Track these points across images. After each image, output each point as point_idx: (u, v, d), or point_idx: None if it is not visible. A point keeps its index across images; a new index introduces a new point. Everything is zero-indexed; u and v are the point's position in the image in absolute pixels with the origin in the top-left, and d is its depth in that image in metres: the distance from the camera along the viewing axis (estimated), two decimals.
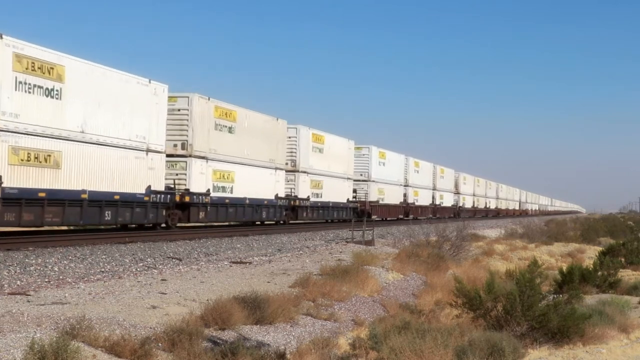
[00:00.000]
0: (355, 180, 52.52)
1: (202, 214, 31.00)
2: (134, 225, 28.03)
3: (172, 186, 29.31)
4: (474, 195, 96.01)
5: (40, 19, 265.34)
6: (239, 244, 26.39)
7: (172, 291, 14.08)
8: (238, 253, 23.57)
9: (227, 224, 36.86)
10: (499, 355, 10.15)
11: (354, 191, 51.87)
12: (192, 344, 9.78)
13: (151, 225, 28.31)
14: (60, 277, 15.65)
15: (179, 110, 30.13)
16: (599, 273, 20.92)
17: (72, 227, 26.67)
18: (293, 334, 12.41)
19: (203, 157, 31.02)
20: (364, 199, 53.42)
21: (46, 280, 15.06)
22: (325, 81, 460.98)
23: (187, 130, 30.32)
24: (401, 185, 62.59)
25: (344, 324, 14.15)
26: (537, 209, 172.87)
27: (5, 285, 13.98)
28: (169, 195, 27.78)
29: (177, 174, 30.14)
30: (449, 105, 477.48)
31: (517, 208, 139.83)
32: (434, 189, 74.63)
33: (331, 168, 46.28)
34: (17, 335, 9.21)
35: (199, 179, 30.70)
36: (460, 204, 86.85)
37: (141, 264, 18.84)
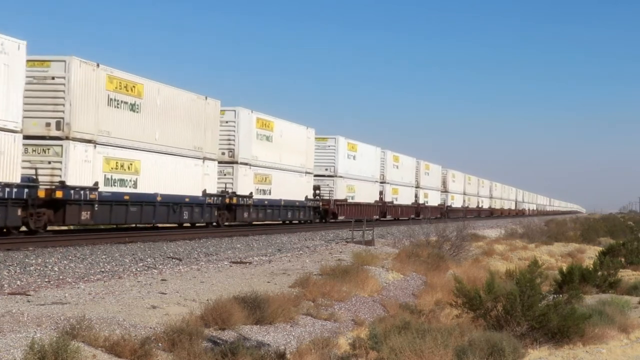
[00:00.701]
0: (317, 176, 46.08)
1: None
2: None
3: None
4: (464, 194, 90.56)
5: (40, 18, 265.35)
6: (238, 244, 26.39)
7: (172, 291, 14.08)
8: (238, 253, 23.57)
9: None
10: (499, 355, 10.15)
11: (316, 188, 45.41)
12: (192, 344, 9.78)
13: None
14: (60, 277, 15.65)
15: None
16: (599, 273, 20.93)
17: (72, 227, 26.67)
18: (293, 334, 12.41)
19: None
20: (328, 197, 46.81)
21: (46, 280, 15.06)
22: (325, 81, 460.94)
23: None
24: (376, 182, 56.41)
25: (344, 324, 14.15)
26: (534, 209, 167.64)
27: (5, 285, 13.98)
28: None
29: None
30: (449, 105, 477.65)
31: (513, 208, 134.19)
32: (418, 186, 69.07)
33: (283, 160, 39.65)
34: (17, 335, 9.21)
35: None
36: (449, 204, 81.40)
37: (141, 264, 18.84)
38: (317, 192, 45.39)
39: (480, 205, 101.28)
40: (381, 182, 57.92)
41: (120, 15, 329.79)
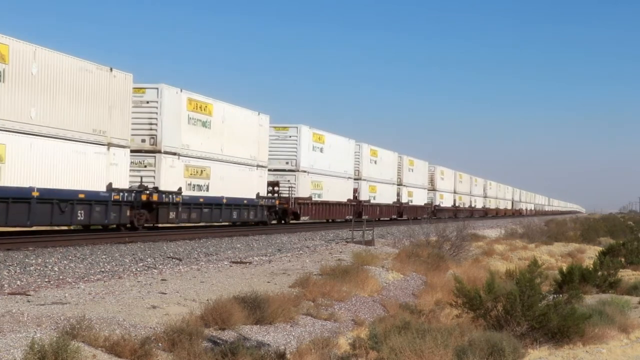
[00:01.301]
0: (275, 170, 41.19)
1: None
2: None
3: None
4: (454, 192, 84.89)
5: (40, 18, 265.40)
6: (239, 244, 26.40)
7: (172, 291, 14.08)
8: (238, 253, 23.58)
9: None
10: (499, 355, 10.15)
11: (273, 184, 40.43)
12: (192, 344, 9.78)
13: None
14: (60, 277, 15.65)
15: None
16: (599, 273, 20.93)
17: (72, 227, 26.66)
18: (293, 334, 12.41)
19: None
20: (287, 195, 41.18)
21: (46, 280, 15.06)
22: (325, 81, 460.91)
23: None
24: (349, 178, 50.72)
25: (344, 324, 14.15)
26: (532, 208, 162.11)
27: (5, 285, 13.99)
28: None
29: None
30: (448, 105, 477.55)
31: (509, 208, 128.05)
32: (400, 184, 63.46)
33: (226, 150, 33.88)
34: (17, 335, 9.22)
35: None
36: (437, 203, 75.74)
37: (141, 264, 18.85)
38: (276, 189, 40.42)
39: (473, 205, 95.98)
40: (356, 179, 52.48)
41: (120, 15, 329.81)
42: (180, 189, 29.95)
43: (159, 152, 29.13)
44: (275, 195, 40.04)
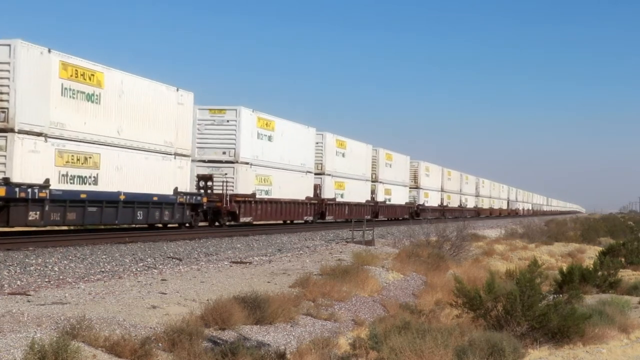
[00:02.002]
0: (208, 162, 34.95)
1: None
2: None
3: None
4: (442, 190, 78.09)
5: (39, 18, 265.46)
6: (239, 244, 26.39)
7: (172, 291, 14.08)
8: (238, 253, 23.58)
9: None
10: (499, 355, 10.15)
11: (205, 178, 34.20)
12: (192, 344, 9.78)
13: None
14: (61, 277, 15.65)
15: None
16: (599, 273, 20.93)
17: (72, 227, 26.66)
18: (293, 334, 12.41)
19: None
20: (222, 191, 33.95)
21: (46, 280, 15.06)
22: (325, 81, 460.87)
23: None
24: (308, 172, 43.37)
25: (344, 324, 14.15)
26: (529, 208, 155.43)
27: (6, 285, 13.99)
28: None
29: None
30: (447, 105, 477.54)
31: (504, 207, 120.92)
32: (375, 180, 56.67)
33: (127, 133, 26.54)
34: (17, 335, 9.22)
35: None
36: (421, 202, 68.96)
37: (141, 264, 18.85)
38: (209, 184, 33.98)
39: (463, 204, 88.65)
40: (318, 174, 45.70)
41: (119, 15, 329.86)
42: (47, 180, 22.39)
43: (12, 130, 21.42)
44: (206, 191, 33.43)
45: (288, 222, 42.90)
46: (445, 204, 78.94)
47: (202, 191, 33.19)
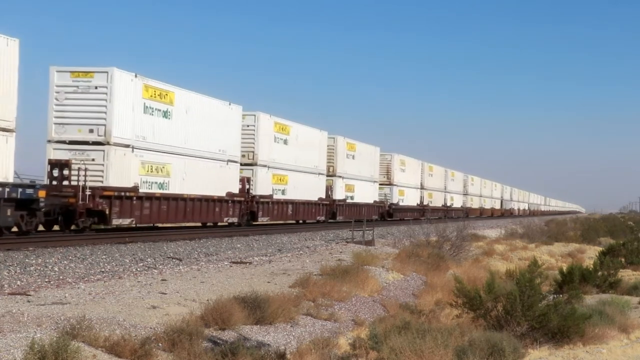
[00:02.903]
0: (66, 143, 25.83)
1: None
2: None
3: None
4: (422, 188, 69.44)
5: (39, 17, 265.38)
6: (239, 244, 26.40)
7: (172, 291, 14.08)
8: (238, 253, 23.58)
9: None
10: (499, 355, 10.15)
11: (58, 165, 25.13)
12: (192, 344, 9.78)
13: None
14: (61, 277, 15.66)
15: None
16: (599, 273, 20.94)
17: (72, 227, 26.65)
18: (293, 334, 12.42)
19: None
20: (79, 183, 24.55)
21: (46, 280, 15.06)
22: (325, 81, 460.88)
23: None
24: (230, 162, 34.17)
25: (344, 324, 14.15)
26: (526, 208, 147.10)
27: (6, 285, 13.99)
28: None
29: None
30: (447, 104, 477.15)
31: (497, 207, 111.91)
32: (332, 174, 47.63)
33: None
34: (18, 335, 9.22)
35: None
36: (394, 200, 60.23)
37: (141, 264, 18.85)
38: (65, 173, 24.95)
39: (448, 204, 79.70)
40: (248, 165, 36.88)
41: (119, 14, 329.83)
42: None
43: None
44: (61, 182, 24.81)
45: (210, 224, 34.45)
46: (425, 202, 69.45)
47: (54, 183, 24.70)
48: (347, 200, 49.85)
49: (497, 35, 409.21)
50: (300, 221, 43.46)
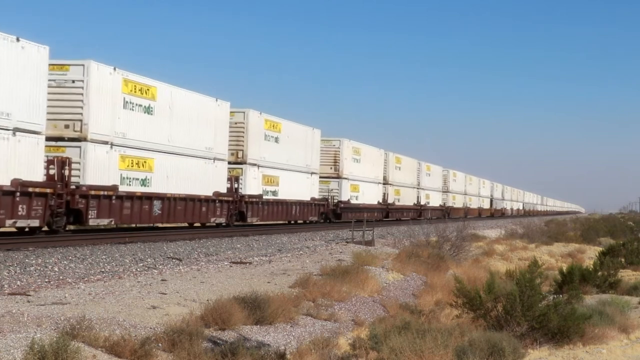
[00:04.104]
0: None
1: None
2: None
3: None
4: (385, 183, 58.41)
5: (39, 17, 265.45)
6: (239, 244, 26.40)
7: (172, 291, 14.08)
8: (238, 253, 23.58)
9: None
10: (499, 356, 10.15)
11: None
12: (192, 344, 9.78)
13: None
14: (60, 277, 15.66)
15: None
16: (599, 273, 20.94)
17: (72, 227, 26.66)
18: (293, 334, 12.42)
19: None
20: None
21: (46, 280, 15.06)
22: (325, 81, 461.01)
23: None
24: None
25: (344, 324, 14.15)
26: (520, 208, 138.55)
27: (5, 286, 13.99)
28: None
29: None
30: (448, 104, 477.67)
31: (485, 207, 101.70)
32: (242, 161, 35.82)
33: None
34: (17, 335, 9.22)
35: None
36: (343, 198, 48.48)
37: (141, 264, 18.85)
38: None
39: (422, 202, 68.79)
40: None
41: (118, 14, 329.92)
42: None
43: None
44: None
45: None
46: (391, 201, 59.36)
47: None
48: (275, 196, 39.11)
49: (497, 35, 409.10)
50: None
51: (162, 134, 28.77)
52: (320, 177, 46.14)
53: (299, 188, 42.13)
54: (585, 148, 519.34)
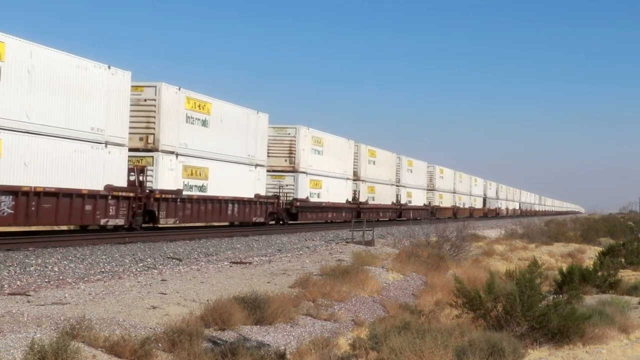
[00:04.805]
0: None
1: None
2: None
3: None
4: (356, 179, 51.41)
5: (39, 17, 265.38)
6: (239, 244, 26.39)
7: (172, 291, 14.08)
8: (238, 253, 23.57)
9: None
10: (499, 356, 10.15)
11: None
12: (192, 345, 9.78)
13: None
14: (60, 277, 15.65)
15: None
16: (599, 273, 20.94)
17: (71, 227, 26.67)
18: (293, 334, 12.41)
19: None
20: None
21: (46, 280, 15.06)
22: (325, 81, 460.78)
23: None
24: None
25: (344, 324, 14.14)
26: (516, 208, 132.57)
27: (5, 286, 13.99)
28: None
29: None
30: (448, 104, 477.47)
31: (478, 206, 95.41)
32: (154, 147, 28.91)
33: None
34: (17, 335, 9.21)
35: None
36: (300, 195, 41.16)
37: (141, 264, 18.85)
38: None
39: (404, 201, 62.82)
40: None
41: (116, 14, 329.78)
42: None
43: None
44: None
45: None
46: (363, 199, 52.25)
47: None
48: (218, 195, 33.09)
49: (497, 36, 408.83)
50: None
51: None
52: (272, 171, 39.74)
53: (238, 183, 34.36)
54: (585, 148, 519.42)
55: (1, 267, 16.01)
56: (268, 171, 38.79)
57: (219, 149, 32.97)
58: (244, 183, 35.04)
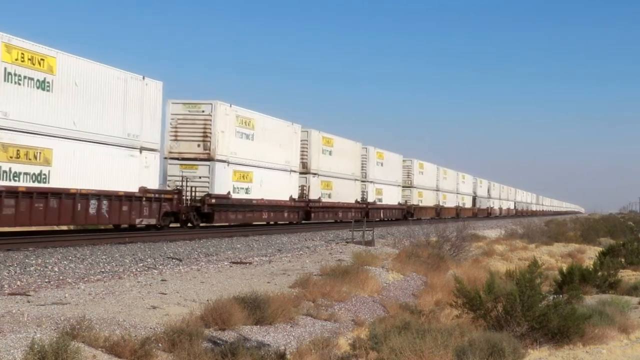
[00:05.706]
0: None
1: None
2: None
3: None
4: (306, 172, 43.98)
5: (39, 17, 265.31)
6: (239, 244, 26.39)
7: (172, 291, 14.08)
8: (238, 253, 23.57)
9: None
10: (499, 356, 10.15)
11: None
12: (192, 345, 9.78)
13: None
14: (60, 277, 15.65)
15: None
16: (599, 273, 20.94)
17: (71, 227, 26.66)
18: (293, 334, 12.41)
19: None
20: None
21: (46, 280, 15.06)
22: (325, 81, 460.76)
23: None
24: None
25: (344, 324, 14.14)
26: (511, 207, 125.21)
27: (5, 286, 13.99)
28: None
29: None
30: (448, 104, 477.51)
31: (466, 206, 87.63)
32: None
33: None
34: (17, 335, 9.22)
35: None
36: (219, 191, 33.07)
37: (141, 264, 18.85)
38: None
39: (372, 199, 55.37)
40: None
41: (117, 14, 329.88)
42: None
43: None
44: None
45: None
46: (315, 196, 44.95)
47: None
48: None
49: (497, 36, 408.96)
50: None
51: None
52: (179, 159, 33.08)
53: (110, 172, 25.99)
54: (585, 148, 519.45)
55: (1, 267, 16.01)
56: (174, 159, 32.93)
57: (72, 124, 24.11)
58: (120, 173, 26.53)
